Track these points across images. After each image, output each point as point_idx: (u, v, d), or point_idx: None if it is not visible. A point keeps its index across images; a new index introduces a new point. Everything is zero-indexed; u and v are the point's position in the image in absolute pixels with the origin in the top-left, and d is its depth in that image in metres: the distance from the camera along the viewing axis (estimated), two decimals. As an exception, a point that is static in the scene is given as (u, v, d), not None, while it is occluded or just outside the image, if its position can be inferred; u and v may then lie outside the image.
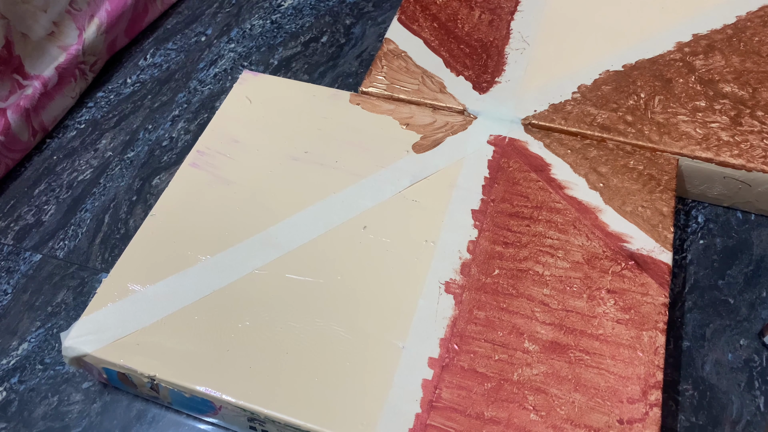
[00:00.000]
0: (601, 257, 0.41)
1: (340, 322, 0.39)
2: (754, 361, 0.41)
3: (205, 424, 0.41)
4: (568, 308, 0.39)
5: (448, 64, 0.53)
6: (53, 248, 0.51)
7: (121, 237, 0.51)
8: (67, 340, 0.39)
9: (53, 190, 0.55)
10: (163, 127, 0.59)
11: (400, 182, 0.46)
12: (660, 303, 0.39)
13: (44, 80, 0.57)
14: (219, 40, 0.66)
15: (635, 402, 0.36)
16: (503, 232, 0.43)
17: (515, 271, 0.41)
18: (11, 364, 0.45)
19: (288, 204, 0.45)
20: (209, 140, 0.50)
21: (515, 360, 0.37)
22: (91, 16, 0.61)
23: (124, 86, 0.63)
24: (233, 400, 0.37)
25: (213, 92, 0.61)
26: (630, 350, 0.37)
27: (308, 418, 0.36)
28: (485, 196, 0.45)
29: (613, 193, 0.44)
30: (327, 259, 0.42)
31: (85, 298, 0.48)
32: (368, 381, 0.37)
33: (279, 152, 0.49)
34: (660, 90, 0.49)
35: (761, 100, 0.48)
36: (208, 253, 0.43)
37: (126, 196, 0.54)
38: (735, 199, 0.47)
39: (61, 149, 0.58)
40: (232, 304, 0.41)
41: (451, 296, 0.40)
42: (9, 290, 0.49)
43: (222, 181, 0.47)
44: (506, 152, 0.47)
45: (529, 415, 0.35)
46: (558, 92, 0.50)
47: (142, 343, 0.39)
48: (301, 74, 0.61)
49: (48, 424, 0.42)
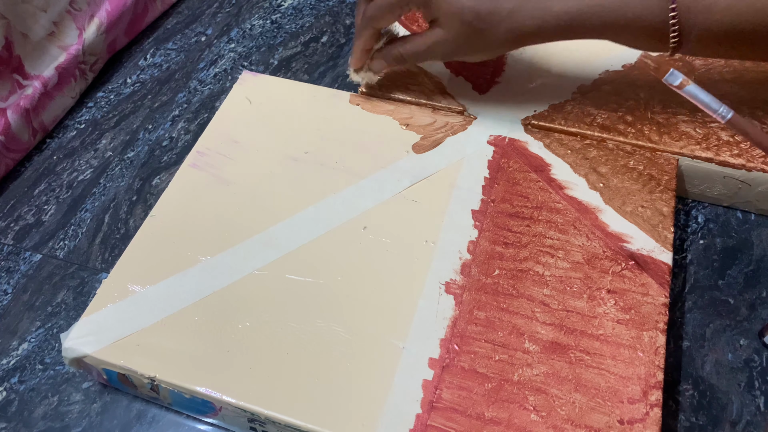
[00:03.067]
0: (602, 257, 0.41)
1: (340, 323, 0.39)
2: (754, 361, 0.41)
3: (205, 424, 0.41)
4: (569, 308, 0.39)
5: (448, 64, 0.53)
6: (53, 248, 0.51)
7: (121, 237, 0.51)
8: (67, 341, 0.39)
9: (53, 190, 0.55)
10: (163, 127, 0.59)
11: (400, 182, 0.46)
12: (660, 303, 0.39)
13: (44, 80, 0.57)
14: (219, 40, 0.66)
15: (636, 402, 0.36)
16: (503, 233, 0.43)
17: (515, 271, 0.41)
18: (11, 364, 0.45)
19: (288, 204, 0.45)
20: (209, 141, 0.50)
21: (515, 360, 0.37)
22: (91, 16, 0.61)
23: (124, 86, 0.63)
24: (233, 401, 0.37)
25: (213, 92, 0.61)
26: (630, 350, 0.37)
27: (308, 418, 0.36)
28: (485, 196, 0.45)
29: (613, 193, 0.44)
30: (327, 259, 0.42)
31: (85, 298, 0.48)
32: (368, 381, 0.37)
33: (279, 153, 0.49)
34: (660, 90, 0.49)
35: (761, 100, 0.48)
36: (208, 254, 0.43)
37: (126, 196, 0.54)
38: (735, 199, 0.47)
39: (61, 149, 0.58)
40: (232, 305, 0.41)
41: (452, 296, 0.40)
42: (9, 290, 0.49)
43: (222, 182, 0.47)
44: (506, 152, 0.47)
45: (530, 415, 0.35)
46: (558, 92, 0.50)
47: (142, 344, 0.39)
48: (301, 74, 0.61)
49: (48, 424, 0.42)
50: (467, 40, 0.42)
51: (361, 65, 0.49)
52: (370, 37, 0.46)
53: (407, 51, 0.45)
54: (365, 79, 0.50)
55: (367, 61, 0.49)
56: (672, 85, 0.35)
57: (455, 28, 0.41)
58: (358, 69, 0.49)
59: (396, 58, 0.46)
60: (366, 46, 0.47)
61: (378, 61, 0.48)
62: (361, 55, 0.48)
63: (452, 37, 0.42)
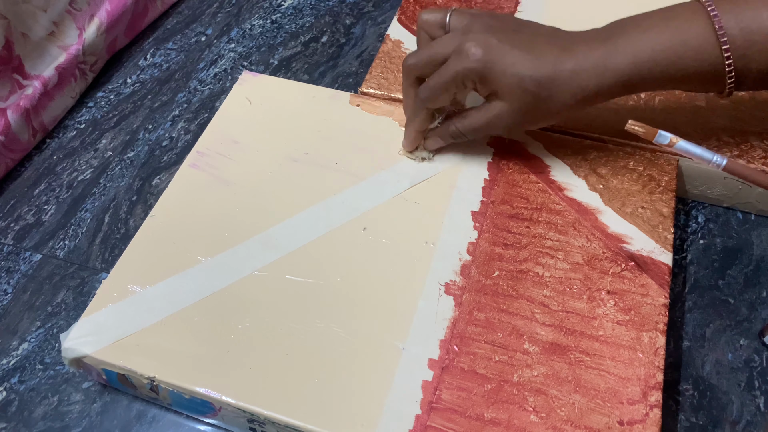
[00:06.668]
0: (601, 258, 0.41)
1: (340, 324, 0.39)
2: (754, 361, 0.41)
3: (204, 425, 0.41)
4: (568, 309, 0.39)
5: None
6: (53, 248, 0.51)
7: (121, 237, 0.51)
8: (67, 342, 0.39)
9: (53, 190, 0.55)
10: (163, 127, 0.59)
11: (400, 184, 0.46)
12: (660, 304, 0.39)
13: (44, 80, 0.57)
14: (219, 40, 0.66)
15: (635, 403, 0.36)
16: (503, 234, 0.43)
17: (515, 272, 0.41)
18: (11, 364, 0.45)
19: (288, 205, 0.45)
20: (209, 141, 0.50)
21: (515, 361, 0.37)
22: (91, 16, 0.61)
23: (124, 86, 0.63)
24: (233, 401, 0.37)
25: (213, 92, 0.61)
26: (630, 351, 0.37)
27: (308, 419, 0.36)
28: (485, 197, 0.45)
29: (613, 195, 0.44)
30: (327, 260, 0.42)
31: (85, 298, 0.48)
32: (368, 382, 0.37)
33: (279, 153, 0.49)
34: (660, 90, 0.49)
35: (761, 99, 0.48)
36: (208, 255, 0.43)
37: (126, 196, 0.54)
38: (735, 200, 0.47)
39: (61, 149, 0.58)
40: (232, 306, 0.41)
41: (451, 297, 0.40)
42: (9, 290, 0.49)
43: (221, 182, 0.47)
44: (506, 154, 0.47)
45: (529, 416, 0.35)
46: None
47: (141, 345, 0.39)
48: (301, 74, 0.61)
49: (48, 424, 0.42)
50: (530, 110, 0.40)
51: (416, 147, 0.47)
52: (425, 119, 0.44)
53: (466, 127, 0.43)
54: (420, 158, 0.47)
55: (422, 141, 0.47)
56: (663, 145, 0.36)
57: (517, 98, 0.39)
58: (413, 150, 0.47)
59: (454, 135, 0.44)
60: (422, 128, 0.45)
61: (434, 140, 0.46)
62: (416, 137, 0.46)
63: (515, 109, 0.40)
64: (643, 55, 0.37)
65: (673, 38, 0.37)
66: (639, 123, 0.36)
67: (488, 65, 0.39)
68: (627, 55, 0.38)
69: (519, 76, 0.38)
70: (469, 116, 0.43)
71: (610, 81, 0.38)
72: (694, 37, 0.37)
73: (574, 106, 0.40)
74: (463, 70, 0.39)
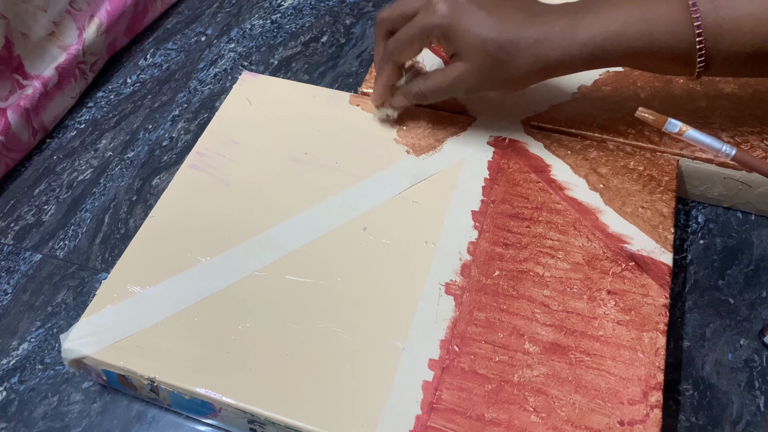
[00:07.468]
0: (602, 258, 0.41)
1: (340, 324, 0.39)
2: (754, 361, 0.41)
3: (205, 425, 0.41)
4: (569, 309, 0.39)
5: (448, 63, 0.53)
6: (53, 248, 0.51)
7: (121, 237, 0.51)
8: (67, 342, 0.39)
9: (53, 190, 0.55)
10: (163, 127, 0.59)
11: (400, 183, 0.46)
12: (660, 304, 0.39)
13: (44, 80, 0.57)
14: (219, 40, 0.66)
15: (636, 403, 0.36)
16: (503, 234, 0.43)
17: (515, 272, 0.41)
18: (11, 364, 0.45)
19: (288, 205, 0.45)
20: (209, 142, 0.50)
21: (516, 361, 0.37)
22: (91, 16, 0.61)
23: (124, 86, 0.63)
24: (233, 402, 0.37)
25: (213, 92, 0.61)
26: (631, 351, 0.37)
27: (308, 419, 0.36)
28: (485, 197, 0.45)
29: (613, 194, 0.44)
30: (327, 260, 0.42)
31: (85, 298, 0.48)
32: (368, 383, 0.37)
33: (279, 153, 0.49)
34: (660, 90, 0.49)
35: (761, 100, 0.48)
36: (208, 255, 0.43)
37: (126, 196, 0.54)
38: (735, 200, 0.47)
39: (61, 149, 0.58)
40: (232, 306, 0.41)
41: (452, 297, 0.40)
42: (9, 290, 0.49)
43: (221, 183, 0.47)
44: (506, 153, 0.47)
45: (530, 416, 0.35)
46: (558, 93, 0.50)
47: (141, 345, 0.39)
48: (301, 74, 0.61)
49: (48, 424, 0.42)
50: (490, 73, 0.40)
51: (383, 101, 0.48)
52: (391, 73, 0.45)
53: (428, 88, 0.43)
54: (385, 115, 0.49)
55: (388, 98, 0.47)
56: (672, 133, 0.35)
57: (478, 60, 0.40)
58: (379, 105, 0.48)
59: (417, 96, 0.45)
60: (388, 82, 0.46)
61: (398, 98, 0.46)
62: (383, 92, 0.46)
63: (475, 70, 0.40)
64: (614, 27, 0.37)
65: (646, 13, 0.37)
66: (649, 110, 0.36)
67: (453, 23, 0.40)
68: (597, 27, 0.38)
69: (481, 37, 0.39)
70: (432, 77, 0.44)
71: (575, 51, 0.38)
72: (666, 12, 0.37)
73: (535, 74, 0.40)
74: (429, 24, 0.40)
